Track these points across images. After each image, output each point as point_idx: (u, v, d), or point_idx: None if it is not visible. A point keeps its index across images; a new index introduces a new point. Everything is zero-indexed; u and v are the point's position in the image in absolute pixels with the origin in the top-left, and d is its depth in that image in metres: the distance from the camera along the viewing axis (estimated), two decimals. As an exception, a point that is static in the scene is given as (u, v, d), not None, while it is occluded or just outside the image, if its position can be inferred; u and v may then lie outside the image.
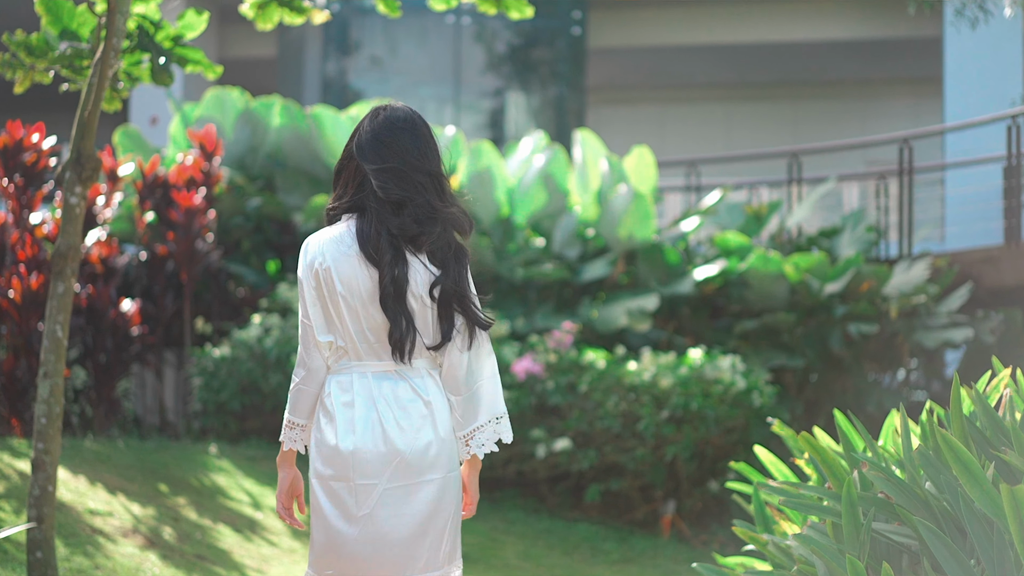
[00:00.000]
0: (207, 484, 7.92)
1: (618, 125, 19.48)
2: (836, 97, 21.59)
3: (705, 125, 21.40)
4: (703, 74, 21.54)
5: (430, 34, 17.69)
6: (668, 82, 21.87)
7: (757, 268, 9.88)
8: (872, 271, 10.12)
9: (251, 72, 20.04)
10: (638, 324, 9.75)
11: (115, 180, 9.33)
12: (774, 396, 9.15)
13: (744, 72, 21.40)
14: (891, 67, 20.75)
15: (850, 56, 20.30)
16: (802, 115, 21.18)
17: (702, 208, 11.00)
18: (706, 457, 9.00)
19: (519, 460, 9.00)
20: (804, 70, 21.16)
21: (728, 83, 21.86)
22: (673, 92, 22.08)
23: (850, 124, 20.45)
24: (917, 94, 20.79)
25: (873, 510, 3.12)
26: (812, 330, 10.18)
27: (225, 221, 10.67)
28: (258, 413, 9.43)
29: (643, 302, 9.86)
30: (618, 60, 20.55)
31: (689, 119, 21.69)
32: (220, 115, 11.15)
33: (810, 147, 12.33)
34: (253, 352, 9.33)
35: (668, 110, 21.80)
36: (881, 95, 21.39)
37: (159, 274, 9.79)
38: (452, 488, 3.41)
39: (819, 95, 21.73)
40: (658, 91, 22.07)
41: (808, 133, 20.37)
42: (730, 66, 21.08)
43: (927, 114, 19.90)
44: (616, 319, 9.85)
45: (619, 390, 8.89)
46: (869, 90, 21.53)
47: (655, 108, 21.85)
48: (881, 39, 19.30)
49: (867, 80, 21.47)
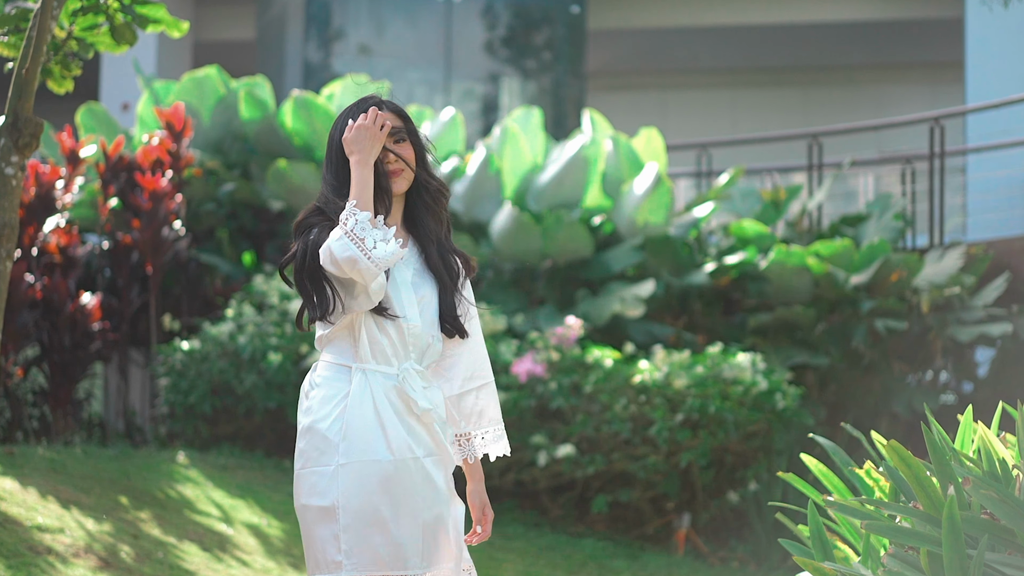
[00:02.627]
0: (173, 496, 7.50)
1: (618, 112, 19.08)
2: (849, 83, 21.37)
3: (710, 112, 21.15)
4: (708, 58, 21.33)
5: (419, 13, 17.32)
6: (671, 66, 21.66)
7: (779, 261, 9.48)
8: (901, 260, 9.72)
9: (229, 56, 19.63)
10: (630, 310, 9.33)
11: (76, 162, 8.98)
12: (798, 398, 8.72)
13: (752, 56, 21.18)
14: (908, 51, 20.54)
15: (864, 39, 20.10)
16: (813, 102, 20.96)
17: (715, 189, 10.56)
18: (724, 465, 8.66)
19: (518, 468, 8.68)
20: (815, 54, 20.96)
21: (735, 67, 21.65)
22: (676, 77, 21.85)
23: (864, 111, 20.12)
24: (935, 79, 20.55)
25: (987, 537, 2.55)
26: (835, 326, 9.79)
27: (196, 207, 10.28)
28: (231, 417, 9.05)
29: (638, 289, 9.44)
30: (618, 43, 20.35)
31: (693, 106, 21.43)
32: (198, 99, 10.72)
33: (831, 129, 11.90)
34: (225, 349, 8.95)
35: (671, 96, 21.56)
36: (897, 80, 21.18)
37: (123, 265, 9.41)
38: None
39: (831, 80, 21.53)
40: (660, 76, 21.84)
41: (820, 121, 20.00)
42: (737, 49, 20.86)
43: (945, 101, 19.52)
44: (608, 307, 9.43)
45: (628, 391, 8.57)
46: (884, 75, 21.32)
47: (657, 94, 21.59)
48: (897, 20, 19.06)
49: (882, 64, 21.28)
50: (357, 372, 3.45)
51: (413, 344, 3.48)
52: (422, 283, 3.54)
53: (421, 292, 3.51)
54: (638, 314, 9.37)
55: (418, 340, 3.49)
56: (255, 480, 8.22)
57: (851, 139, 15.55)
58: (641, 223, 9.92)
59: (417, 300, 3.50)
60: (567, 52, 17.71)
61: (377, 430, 3.41)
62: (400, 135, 3.51)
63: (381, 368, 3.45)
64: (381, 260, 3.32)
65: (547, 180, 10.24)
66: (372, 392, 3.43)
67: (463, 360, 3.61)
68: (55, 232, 8.75)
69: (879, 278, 9.75)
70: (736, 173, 10.62)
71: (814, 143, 11.46)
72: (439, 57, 17.46)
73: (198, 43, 18.84)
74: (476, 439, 3.68)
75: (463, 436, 3.67)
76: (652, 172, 9.90)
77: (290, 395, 8.72)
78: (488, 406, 3.66)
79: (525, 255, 9.99)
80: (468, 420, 3.65)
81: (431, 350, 3.54)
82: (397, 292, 3.48)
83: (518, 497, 8.86)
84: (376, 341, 3.45)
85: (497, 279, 10.24)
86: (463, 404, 3.64)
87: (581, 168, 10.22)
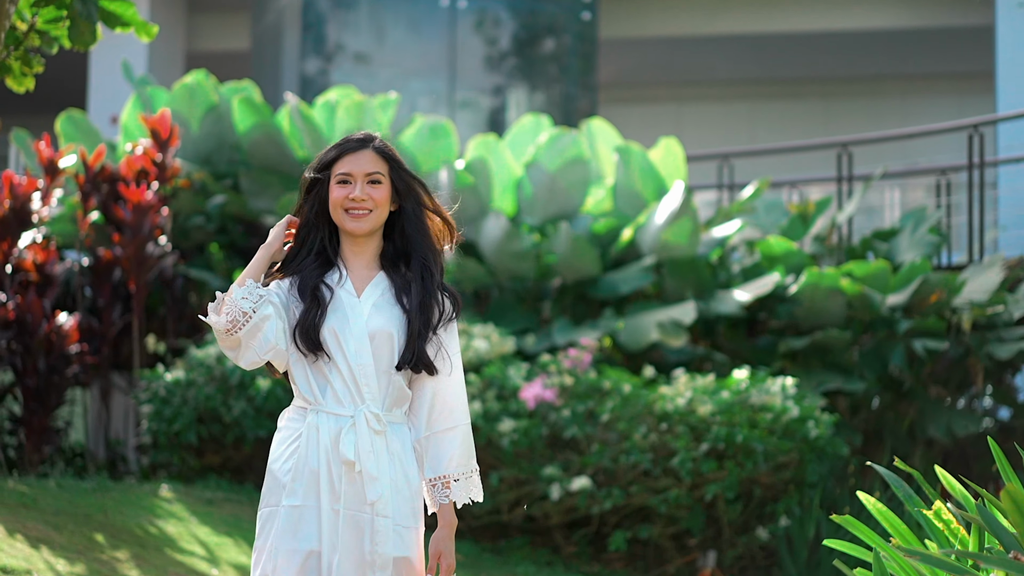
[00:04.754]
0: (153, 533, 7.18)
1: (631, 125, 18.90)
2: (873, 94, 21.21)
3: (728, 125, 21.03)
4: (726, 68, 21.18)
5: (422, 22, 17.06)
6: (686, 77, 21.54)
7: (811, 283, 9.19)
8: (941, 280, 9.40)
9: (223, 67, 19.45)
10: (672, 339, 9.08)
11: (54, 173, 8.76)
12: (831, 426, 8.42)
13: (772, 66, 21.04)
14: (935, 60, 20.39)
15: (889, 48, 19.92)
16: (835, 114, 20.83)
17: (739, 203, 10.29)
18: (753, 499, 8.35)
19: (529, 503, 8.41)
20: (838, 64, 20.81)
21: (754, 78, 21.50)
22: (692, 89, 21.73)
23: (889, 123, 19.94)
24: (962, 91, 20.42)
25: None
26: (870, 348, 9.50)
27: (183, 222, 10.02)
28: (218, 447, 8.74)
29: (677, 312, 9.17)
30: (631, 52, 20.17)
31: (710, 119, 21.29)
32: (187, 108, 10.45)
33: (861, 137, 11.58)
34: (212, 374, 8.65)
35: (686, 109, 21.43)
36: (923, 91, 21.04)
37: (104, 283, 9.15)
38: None
39: (854, 92, 21.38)
40: (675, 87, 21.74)
41: (841, 134, 19.88)
42: (756, 59, 20.74)
43: (973, 113, 19.34)
44: (646, 333, 9.19)
45: (649, 419, 8.33)
46: (910, 86, 21.16)
47: (672, 107, 21.45)
48: (923, 28, 18.85)
49: (908, 75, 21.11)
50: (311, 414, 3.50)
51: (366, 385, 3.49)
52: (383, 320, 3.55)
53: (377, 328, 3.53)
54: (680, 343, 9.13)
55: (371, 380, 3.50)
56: (244, 515, 7.90)
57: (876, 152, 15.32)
58: (663, 242, 9.69)
59: (370, 337, 3.51)
60: (577, 62, 17.47)
61: (324, 476, 3.45)
62: (375, 177, 3.56)
63: (334, 410, 3.49)
64: (217, 321, 3.45)
65: (535, 188, 10.03)
66: (319, 436, 3.47)
67: (429, 400, 3.58)
68: (31, 248, 8.54)
69: (917, 298, 9.46)
70: (762, 185, 10.33)
71: (843, 152, 11.15)
72: (443, 67, 17.20)
73: (190, 53, 18.66)
74: (438, 486, 3.59)
75: (429, 482, 3.60)
76: (678, 192, 9.63)
77: (282, 423, 8.38)
78: (456, 452, 3.57)
79: (523, 272, 9.83)
80: (435, 466, 3.58)
81: (394, 390, 3.54)
82: (345, 330, 3.50)
83: (529, 534, 8.61)
84: (325, 383, 3.50)
85: (501, 297, 10.04)
86: (429, 448, 3.59)
87: (575, 171, 10.00)
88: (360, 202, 3.53)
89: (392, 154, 3.61)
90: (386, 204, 3.56)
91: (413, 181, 3.62)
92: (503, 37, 17.33)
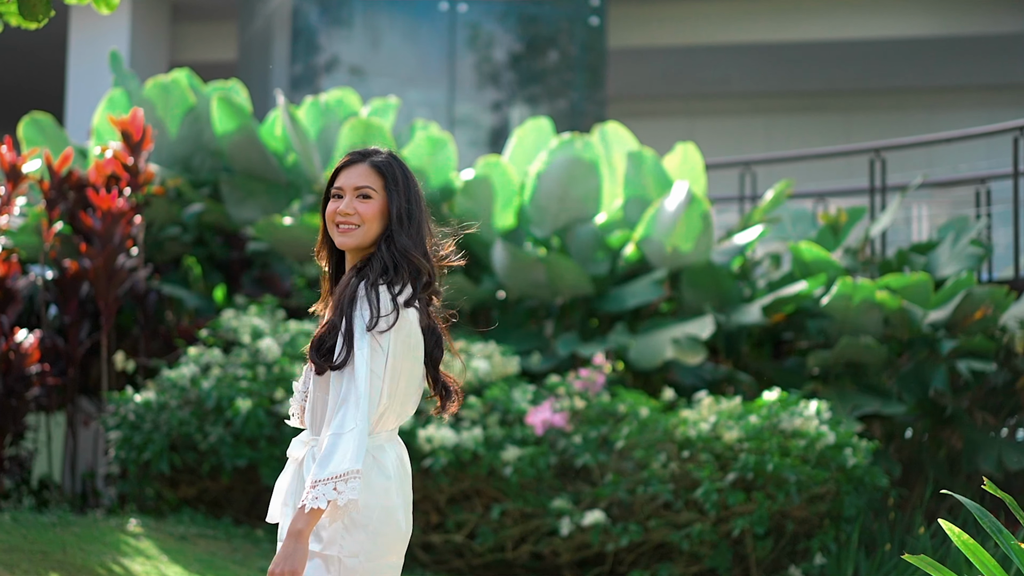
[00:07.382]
0: (117, 572, 6.82)
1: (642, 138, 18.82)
2: (896, 107, 21.36)
3: (744, 139, 21.13)
4: (741, 80, 21.26)
5: (419, 28, 16.84)
6: (699, 89, 21.62)
7: (844, 295, 8.81)
8: (986, 294, 9.03)
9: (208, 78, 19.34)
10: (688, 356, 8.82)
11: (17, 179, 8.47)
12: (870, 454, 8.02)
13: (789, 77, 21.13)
14: (961, 70, 20.46)
15: (913, 58, 19.94)
16: (856, 128, 20.93)
17: (761, 208, 9.97)
18: (785, 534, 7.99)
19: (536, 539, 8.13)
20: (859, 75, 20.84)
21: (771, 90, 21.63)
22: (706, 101, 21.84)
23: (913, 137, 19.96)
24: (990, 103, 20.54)
25: None
26: (909, 369, 9.12)
27: (157, 232, 9.72)
28: (193, 477, 8.35)
29: (694, 327, 8.87)
30: (642, 62, 20.22)
31: (725, 132, 21.33)
32: (163, 108, 10.12)
33: (894, 143, 11.25)
34: (187, 396, 8.28)
35: (699, 122, 21.48)
36: (949, 104, 21.16)
37: (71, 298, 8.86)
38: None
39: (876, 104, 21.47)
40: (688, 100, 21.85)
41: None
42: (773, 70, 20.82)
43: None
44: (659, 350, 8.90)
45: (669, 446, 8.03)
46: (935, 98, 21.27)
47: (684, 120, 21.48)
48: (949, 37, 18.85)
49: (933, 87, 21.18)
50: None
51: (308, 408, 3.65)
52: None
53: None
54: (698, 360, 8.86)
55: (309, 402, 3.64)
56: (220, 553, 7.53)
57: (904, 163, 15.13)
58: (670, 250, 9.40)
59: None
60: (585, 72, 17.28)
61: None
62: (365, 192, 3.61)
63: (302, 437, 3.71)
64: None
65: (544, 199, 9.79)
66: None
67: (322, 402, 3.60)
68: (-10, 260, 8.28)
69: (960, 315, 9.10)
70: (783, 187, 10.01)
71: (876, 159, 10.80)
72: (442, 76, 16.99)
73: (174, 63, 18.53)
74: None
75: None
76: (682, 190, 9.34)
77: (263, 451, 7.99)
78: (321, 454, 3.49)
79: (533, 290, 9.57)
80: None
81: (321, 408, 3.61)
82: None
83: (536, 572, 8.31)
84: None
85: (505, 317, 9.79)
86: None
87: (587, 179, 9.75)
88: (347, 216, 3.59)
89: (389, 170, 3.62)
90: (376, 219, 3.60)
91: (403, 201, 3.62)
92: (506, 45, 17.13)
